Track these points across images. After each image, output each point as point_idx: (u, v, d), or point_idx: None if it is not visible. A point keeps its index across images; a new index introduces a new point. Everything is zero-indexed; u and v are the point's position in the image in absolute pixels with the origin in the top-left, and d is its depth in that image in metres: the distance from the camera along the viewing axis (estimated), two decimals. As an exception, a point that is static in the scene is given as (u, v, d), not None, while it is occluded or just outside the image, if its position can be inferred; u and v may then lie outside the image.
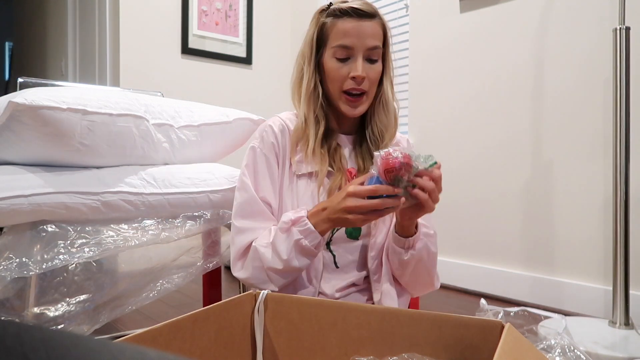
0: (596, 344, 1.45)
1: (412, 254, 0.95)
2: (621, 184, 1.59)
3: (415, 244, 0.95)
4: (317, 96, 1.01)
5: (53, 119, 0.99)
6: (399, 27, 2.66)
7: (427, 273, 1.00)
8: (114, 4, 2.71)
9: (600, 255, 1.89)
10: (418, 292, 1.07)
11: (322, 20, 1.00)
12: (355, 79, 0.97)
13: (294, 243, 0.91)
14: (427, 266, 0.99)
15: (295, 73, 1.04)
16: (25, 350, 0.19)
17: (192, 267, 1.23)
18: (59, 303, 1.04)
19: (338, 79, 0.98)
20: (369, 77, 0.98)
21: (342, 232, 1.01)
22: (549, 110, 2.05)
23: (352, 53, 0.97)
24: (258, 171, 1.01)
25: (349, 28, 0.96)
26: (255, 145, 1.03)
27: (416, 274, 0.99)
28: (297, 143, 1.02)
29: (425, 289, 1.05)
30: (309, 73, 1.01)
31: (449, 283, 2.36)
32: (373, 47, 0.97)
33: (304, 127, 1.01)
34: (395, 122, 1.06)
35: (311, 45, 1.01)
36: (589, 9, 1.92)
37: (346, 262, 1.02)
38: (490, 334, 0.63)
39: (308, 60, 1.01)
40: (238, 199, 1.02)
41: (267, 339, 0.77)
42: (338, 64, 0.98)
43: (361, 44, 0.96)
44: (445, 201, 2.34)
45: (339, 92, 0.99)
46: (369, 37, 0.97)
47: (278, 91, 3.21)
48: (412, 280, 1.01)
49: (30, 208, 0.99)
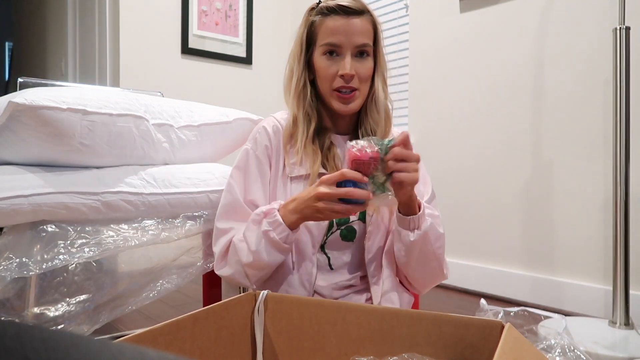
0: (596, 344, 1.45)
1: (418, 234, 0.92)
2: (621, 184, 1.59)
3: (420, 223, 0.92)
4: (307, 94, 1.01)
5: (53, 119, 0.99)
6: (398, 27, 2.66)
7: (435, 257, 0.96)
8: (114, 4, 2.71)
9: (600, 255, 1.89)
10: (427, 283, 1.02)
11: (311, 19, 1.00)
12: (344, 77, 0.96)
13: (262, 234, 0.91)
14: (434, 249, 0.95)
15: (287, 72, 1.04)
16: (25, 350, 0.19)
17: (192, 267, 1.23)
18: (59, 303, 1.04)
19: (328, 77, 0.98)
20: (358, 75, 0.97)
21: (337, 235, 1.01)
22: (549, 110, 2.05)
23: (340, 51, 0.97)
24: (249, 173, 1.01)
25: (336, 26, 0.96)
26: (248, 148, 1.03)
27: (424, 259, 0.96)
28: (289, 141, 1.02)
29: (434, 278, 1.01)
30: (299, 71, 1.01)
31: (449, 283, 2.36)
32: (362, 45, 0.97)
33: (293, 125, 1.01)
34: (388, 119, 1.05)
35: (301, 44, 1.01)
36: (589, 9, 1.92)
37: (341, 263, 1.01)
38: (490, 334, 0.63)
39: (297, 58, 1.01)
40: (222, 200, 1.02)
41: (267, 339, 0.77)
42: (327, 62, 0.98)
43: (349, 41, 0.96)
44: (445, 201, 2.36)
45: (330, 90, 0.99)
46: (358, 34, 0.96)
47: (278, 91, 3.18)
48: (421, 268, 0.97)
49: (30, 208, 0.99)
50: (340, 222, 1.00)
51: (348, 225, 1.01)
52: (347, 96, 0.98)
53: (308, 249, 0.98)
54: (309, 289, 0.98)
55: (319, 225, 0.98)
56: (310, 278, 0.98)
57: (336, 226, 1.00)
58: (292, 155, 1.01)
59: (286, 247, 0.91)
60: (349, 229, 1.01)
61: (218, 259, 1.00)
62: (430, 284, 1.03)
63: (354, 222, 1.01)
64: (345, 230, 1.01)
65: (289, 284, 0.97)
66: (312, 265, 0.98)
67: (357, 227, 1.01)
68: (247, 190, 1.00)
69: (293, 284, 0.97)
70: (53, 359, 0.19)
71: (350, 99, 0.98)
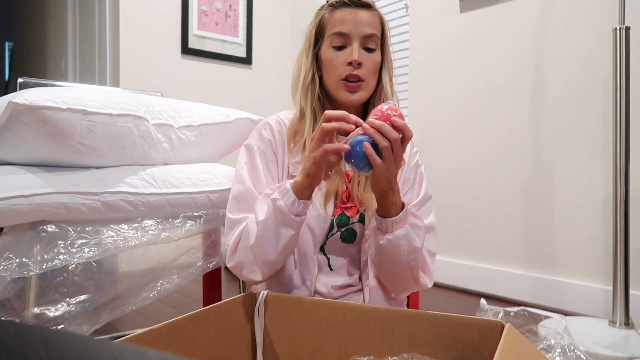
0: (596, 344, 1.45)
1: (388, 239, 0.88)
2: (621, 183, 1.59)
3: (394, 228, 0.87)
4: (315, 89, 1.00)
5: (53, 119, 0.99)
6: (399, 27, 2.66)
7: (408, 268, 0.91)
8: (114, 4, 2.71)
9: (600, 255, 1.89)
10: (398, 289, 0.99)
11: (320, 13, 1.01)
12: (352, 64, 0.96)
13: (270, 202, 0.88)
14: (407, 260, 0.90)
15: (295, 69, 1.04)
16: (25, 350, 0.19)
17: (192, 267, 1.23)
18: (59, 303, 1.04)
19: (335, 67, 0.97)
20: (365, 65, 0.97)
21: (337, 237, 1.00)
22: (548, 109, 2.05)
23: (348, 40, 0.97)
24: (257, 167, 1.00)
25: (345, 16, 0.97)
26: (251, 143, 1.02)
27: (394, 266, 0.92)
28: (292, 138, 1.01)
29: (404, 287, 0.97)
30: (307, 65, 1.01)
31: (449, 283, 2.36)
32: (370, 35, 0.97)
33: (300, 119, 1.01)
34: None
35: (309, 39, 1.01)
36: (589, 9, 1.92)
37: (340, 264, 1.01)
38: (490, 334, 0.63)
39: (306, 54, 1.01)
40: (233, 192, 0.99)
41: (267, 339, 0.77)
42: (335, 53, 0.98)
43: (357, 31, 0.96)
44: (445, 201, 2.36)
45: (337, 80, 0.98)
46: (365, 24, 0.96)
47: (278, 91, 3.21)
48: (390, 274, 0.94)
49: (30, 208, 0.99)
50: (340, 224, 1.00)
51: (348, 227, 1.01)
52: (354, 85, 0.97)
53: (310, 248, 0.98)
54: (310, 288, 0.98)
55: (321, 225, 0.98)
56: (312, 277, 0.98)
57: (337, 228, 1.00)
58: (295, 154, 1.01)
59: (293, 218, 0.86)
60: (350, 231, 1.01)
61: (230, 251, 0.95)
62: (401, 291, 0.99)
63: (355, 224, 1.01)
64: (346, 232, 1.01)
65: (291, 283, 0.97)
66: (313, 265, 0.98)
67: (358, 230, 1.01)
68: (255, 180, 0.99)
69: (295, 282, 0.97)
70: (53, 359, 0.19)
71: (356, 88, 0.97)
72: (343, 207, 1.00)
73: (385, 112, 0.79)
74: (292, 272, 0.98)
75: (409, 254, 0.89)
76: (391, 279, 0.96)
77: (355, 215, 1.00)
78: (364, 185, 0.99)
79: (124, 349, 0.22)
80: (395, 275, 0.94)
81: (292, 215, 0.86)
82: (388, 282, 0.98)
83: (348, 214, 1.00)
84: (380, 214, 0.89)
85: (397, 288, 0.98)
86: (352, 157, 0.78)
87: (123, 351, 0.21)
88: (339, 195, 0.99)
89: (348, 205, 1.00)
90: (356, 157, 0.77)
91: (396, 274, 0.93)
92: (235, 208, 0.98)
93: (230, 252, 0.96)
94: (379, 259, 0.94)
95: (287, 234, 0.88)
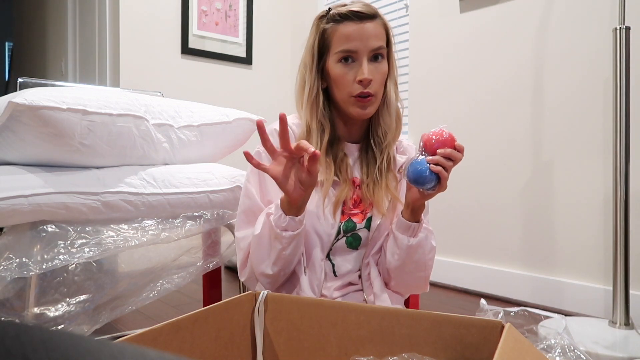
0: (596, 344, 1.45)
1: (416, 240, 0.97)
2: (621, 183, 1.59)
3: (418, 232, 0.97)
4: (319, 103, 1.00)
5: (53, 119, 0.99)
6: (399, 28, 2.66)
7: (425, 268, 1.01)
8: (114, 4, 2.71)
9: (600, 255, 1.89)
10: (410, 290, 1.07)
11: (322, 26, 0.98)
12: (362, 82, 0.95)
13: (265, 215, 0.93)
14: (427, 259, 1.00)
15: (298, 81, 1.03)
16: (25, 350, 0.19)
17: (192, 267, 1.23)
18: (59, 303, 1.04)
19: (345, 84, 0.96)
20: (375, 80, 0.96)
21: (343, 242, 1.01)
22: (549, 110, 2.05)
23: (356, 57, 0.96)
24: (264, 175, 0.99)
25: (351, 32, 0.95)
26: (260, 150, 1.00)
27: (415, 267, 0.99)
28: None
29: (417, 287, 1.05)
30: (311, 80, 0.99)
31: (449, 283, 2.36)
32: (377, 48, 0.96)
33: (307, 135, 1.00)
34: (398, 122, 1.04)
35: (312, 53, 0.99)
36: (589, 9, 1.92)
37: (345, 271, 1.02)
38: (490, 334, 0.63)
39: (310, 68, 1.00)
40: (241, 206, 1.01)
41: (267, 339, 0.77)
42: (344, 70, 0.96)
43: (365, 46, 0.95)
44: (445, 201, 2.36)
45: (348, 97, 0.97)
46: (372, 38, 0.95)
47: (278, 91, 3.21)
48: (409, 275, 1.00)
49: (30, 208, 0.99)
50: (347, 230, 1.00)
51: (354, 233, 1.01)
52: (365, 100, 0.96)
53: (317, 254, 0.99)
54: (317, 293, 0.98)
55: (329, 232, 0.98)
56: (319, 284, 0.99)
57: (343, 233, 1.00)
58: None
59: (279, 233, 0.89)
60: (355, 236, 1.02)
61: (241, 265, 1.00)
62: (411, 291, 1.07)
63: (360, 229, 1.02)
64: (351, 238, 1.01)
65: (300, 288, 0.98)
66: (321, 271, 0.99)
67: (363, 235, 1.02)
68: (264, 191, 0.99)
69: (304, 288, 0.98)
70: (53, 359, 0.19)
71: (367, 103, 0.97)
72: (350, 213, 1.01)
73: (446, 135, 0.87)
74: (303, 278, 0.98)
75: (429, 252, 0.99)
76: (408, 281, 1.02)
77: (362, 222, 1.01)
78: (373, 188, 1.01)
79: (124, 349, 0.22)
80: (414, 275, 1.01)
81: (278, 230, 0.90)
82: (403, 284, 1.03)
83: (355, 220, 1.01)
84: (409, 219, 0.96)
85: (409, 289, 1.06)
86: (426, 180, 0.86)
87: (123, 351, 0.21)
88: (347, 201, 1.00)
89: (355, 212, 1.01)
90: (427, 179, 0.86)
91: (415, 274, 1.01)
92: (242, 223, 1.01)
93: (242, 264, 1.01)
94: (402, 261, 0.99)
95: (276, 248, 0.92)
